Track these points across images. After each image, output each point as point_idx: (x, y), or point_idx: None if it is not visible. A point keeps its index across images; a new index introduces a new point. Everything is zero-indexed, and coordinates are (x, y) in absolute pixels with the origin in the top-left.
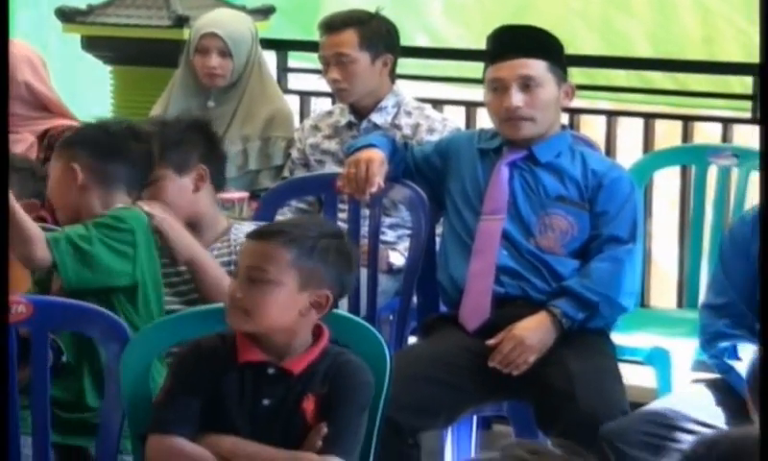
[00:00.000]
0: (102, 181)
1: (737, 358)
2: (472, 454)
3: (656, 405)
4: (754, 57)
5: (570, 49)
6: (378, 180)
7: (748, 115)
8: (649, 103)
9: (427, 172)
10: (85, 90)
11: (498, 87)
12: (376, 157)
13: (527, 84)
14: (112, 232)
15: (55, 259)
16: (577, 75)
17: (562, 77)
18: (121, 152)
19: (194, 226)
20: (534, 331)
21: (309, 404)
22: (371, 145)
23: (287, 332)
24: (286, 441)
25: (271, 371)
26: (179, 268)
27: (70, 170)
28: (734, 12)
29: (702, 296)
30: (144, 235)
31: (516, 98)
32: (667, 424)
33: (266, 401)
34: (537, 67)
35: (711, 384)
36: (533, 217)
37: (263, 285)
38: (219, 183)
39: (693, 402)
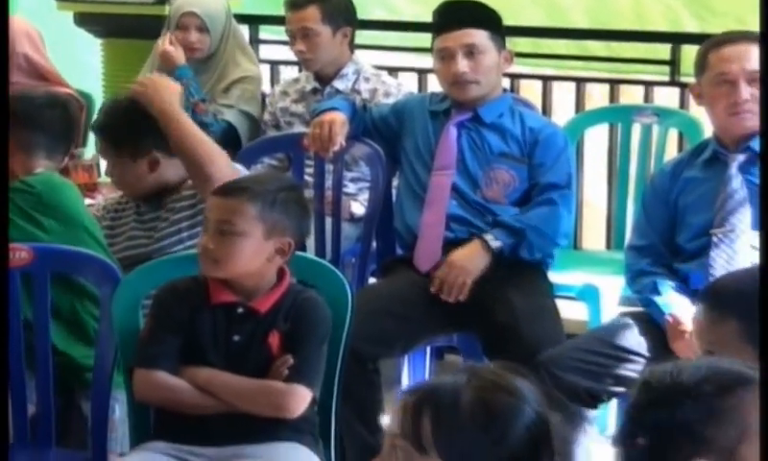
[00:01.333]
0: (21, 147)
1: (657, 293)
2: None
3: (587, 335)
4: (676, 27)
5: (517, 21)
6: (340, 139)
7: (667, 79)
8: (585, 69)
9: (384, 131)
10: (79, 62)
11: (446, 56)
12: (338, 119)
13: (471, 52)
14: (20, 195)
15: None
16: (523, 44)
17: (501, 44)
18: (36, 119)
19: (169, 190)
20: (468, 256)
21: (274, 339)
22: (333, 108)
23: (254, 276)
24: (256, 372)
25: (240, 310)
26: (158, 213)
27: None
28: None
29: (627, 238)
30: (54, 195)
31: (462, 64)
32: (597, 351)
33: (236, 337)
34: (479, 36)
35: (635, 316)
36: (479, 172)
37: (232, 237)
38: None
39: (619, 332)
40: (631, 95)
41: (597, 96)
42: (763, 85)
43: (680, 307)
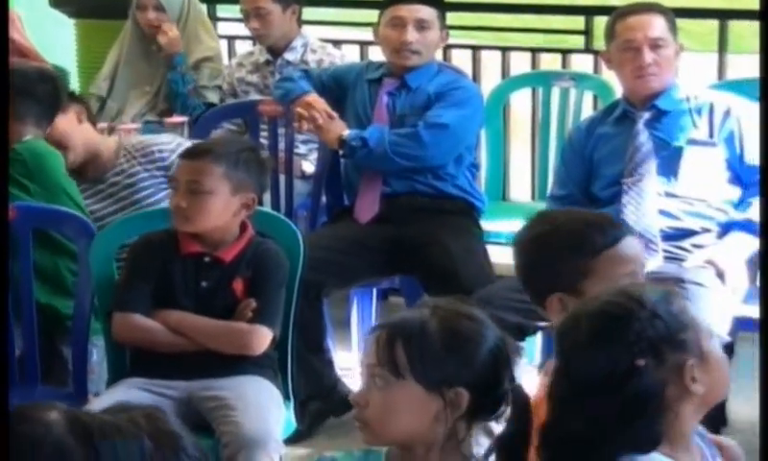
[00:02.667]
0: (13, 116)
1: None
2: (373, 321)
3: (516, 277)
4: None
5: None
6: (329, 111)
7: (582, 47)
8: (513, 41)
9: (327, 96)
10: (54, 41)
11: (398, 24)
12: (313, 98)
13: (422, 26)
14: (10, 163)
15: None
16: (462, 17)
17: (443, 24)
18: (29, 91)
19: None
20: (332, 131)
21: (238, 285)
22: (304, 91)
23: (221, 230)
24: (222, 314)
25: (207, 259)
26: (111, 179)
27: None
28: None
29: (549, 189)
30: (39, 161)
31: (412, 35)
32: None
33: (204, 284)
34: (429, 13)
35: None
36: None
37: (202, 195)
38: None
39: None
40: (550, 62)
41: (514, 63)
42: (762, 68)
43: None
